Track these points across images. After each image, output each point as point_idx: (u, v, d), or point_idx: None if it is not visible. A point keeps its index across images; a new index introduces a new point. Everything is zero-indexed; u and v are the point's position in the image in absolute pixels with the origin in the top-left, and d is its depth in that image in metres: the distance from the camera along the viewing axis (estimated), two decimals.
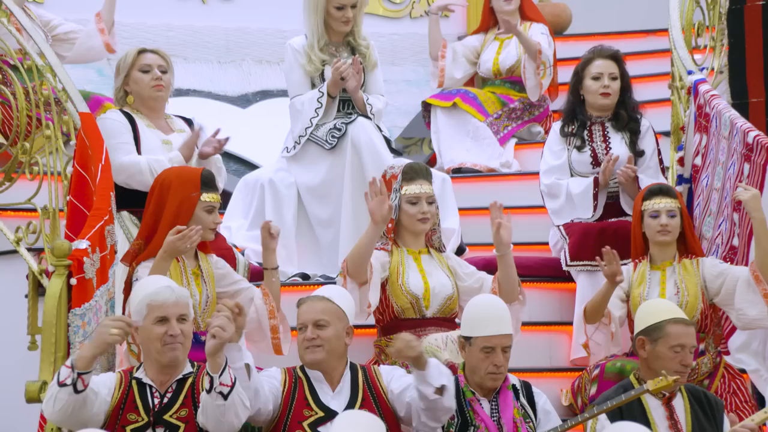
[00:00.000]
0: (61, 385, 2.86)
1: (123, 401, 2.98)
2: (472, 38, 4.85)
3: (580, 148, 4.01)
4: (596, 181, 3.97)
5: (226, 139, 3.69)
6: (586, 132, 4.02)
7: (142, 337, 3.05)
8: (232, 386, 2.90)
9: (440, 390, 3.07)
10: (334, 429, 2.87)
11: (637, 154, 4.01)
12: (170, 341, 2.99)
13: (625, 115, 4.01)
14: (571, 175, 4.04)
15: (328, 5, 4.01)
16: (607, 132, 4.03)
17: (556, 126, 4.09)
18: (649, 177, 3.98)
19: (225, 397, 2.90)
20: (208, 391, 2.91)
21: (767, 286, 3.46)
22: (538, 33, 4.72)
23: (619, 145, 4.02)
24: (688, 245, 3.64)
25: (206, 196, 3.37)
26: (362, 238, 3.46)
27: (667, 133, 4.20)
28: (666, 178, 4.04)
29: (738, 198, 3.47)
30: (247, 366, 2.99)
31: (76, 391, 2.86)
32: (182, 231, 3.28)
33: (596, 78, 3.98)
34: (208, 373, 2.92)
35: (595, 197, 3.97)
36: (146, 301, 3.04)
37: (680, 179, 3.98)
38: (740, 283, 3.50)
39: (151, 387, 3.01)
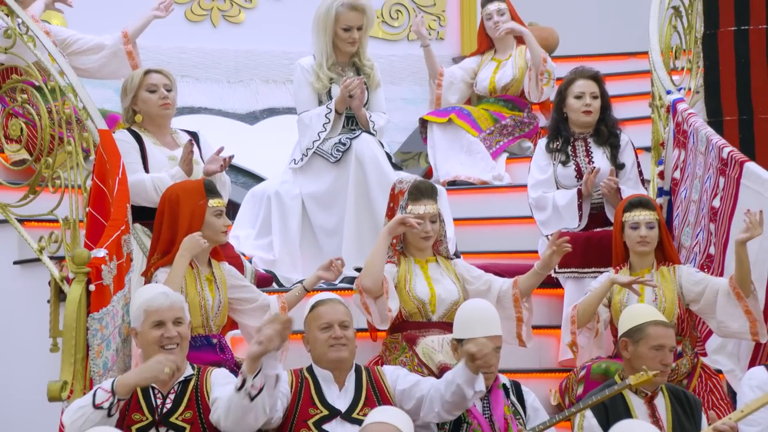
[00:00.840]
0: (97, 407, 2.88)
1: (128, 402, 3.02)
2: (470, 60, 4.94)
3: (564, 163, 4.09)
4: (579, 192, 4.05)
5: (231, 157, 3.75)
6: (569, 148, 4.11)
7: (141, 342, 3.12)
8: (260, 390, 2.94)
9: (478, 393, 3.16)
10: (369, 418, 2.95)
11: (618, 167, 4.10)
12: (167, 343, 3.05)
13: (606, 130, 4.10)
14: (557, 189, 4.13)
15: (336, 27, 4.07)
16: (590, 147, 4.12)
17: (542, 143, 4.18)
18: (629, 188, 4.07)
19: (252, 398, 2.94)
20: (238, 389, 2.93)
21: (748, 302, 3.52)
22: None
23: (601, 158, 4.11)
24: (665, 253, 3.72)
25: (212, 202, 3.45)
26: (373, 253, 3.52)
27: (648, 149, 4.29)
28: (647, 189, 4.13)
29: (742, 231, 3.46)
30: (277, 377, 3.03)
31: (110, 415, 2.90)
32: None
33: (578, 97, 4.08)
34: (242, 372, 2.94)
35: (580, 207, 4.05)
36: (143, 308, 3.11)
37: (660, 191, 4.06)
38: (720, 296, 3.57)
39: (153, 388, 3.05)
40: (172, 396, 3.06)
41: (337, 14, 4.07)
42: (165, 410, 3.02)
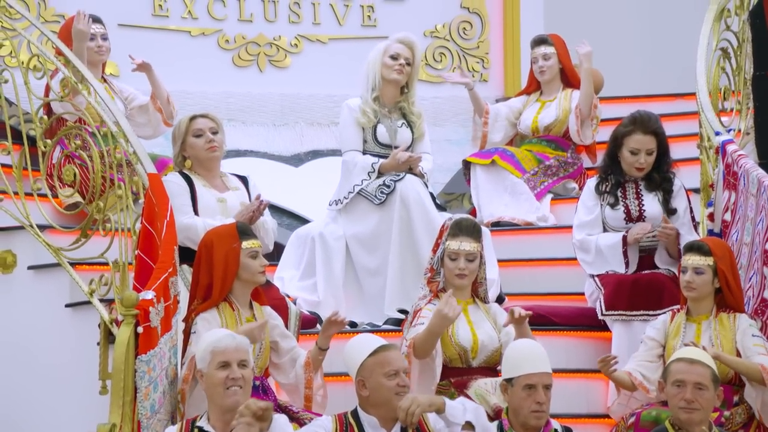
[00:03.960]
0: None
1: None
2: (516, 100, 4.93)
3: (613, 206, 4.01)
4: (624, 239, 3.97)
5: (264, 204, 3.75)
6: (620, 191, 4.02)
7: (207, 384, 3.14)
8: None
9: (468, 425, 3.07)
10: None
11: (670, 212, 4.01)
12: (231, 384, 3.07)
13: (658, 177, 4.00)
14: (604, 229, 4.04)
15: (384, 57, 4.14)
16: (641, 190, 4.04)
17: (591, 182, 4.10)
18: (683, 233, 3.97)
19: None
20: None
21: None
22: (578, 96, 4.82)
23: (652, 202, 4.02)
24: (726, 300, 3.61)
25: (246, 244, 3.46)
26: (429, 337, 3.45)
27: (696, 190, 4.21)
28: (698, 233, 4.04)
29: None
30: None
31: None
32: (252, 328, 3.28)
33: (633, 153, 3.97)
34: None
35: (625, 254, 3.97)
36: (210, 349, 3.14)
37: (710, 234, 3.98)
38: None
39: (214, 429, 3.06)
40: None
41: (385, 47, 4.17)
42: None
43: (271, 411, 2.89)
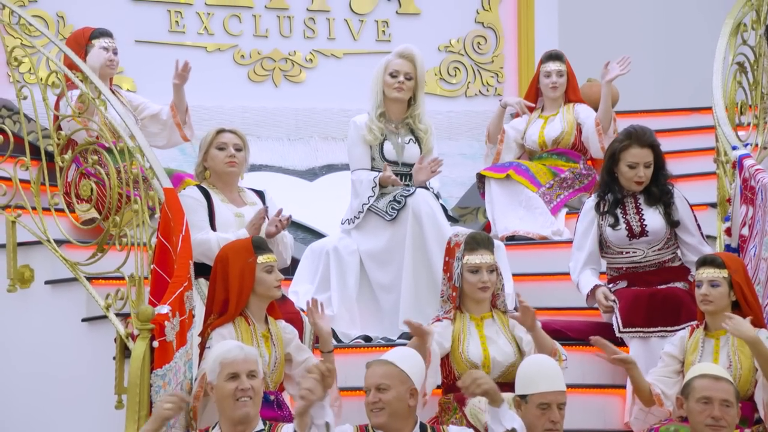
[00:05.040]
0: None
1: None
2: (517, 121, 4.94)
3: (614, 226, 3.95)
4: (587, 297, 3.97)
5: (288, 218, 3.78)
6: (619, 208, 3.97)
7: (216, 396, 3.15)
8: None
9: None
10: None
11: (673, 224, 3.96)
12: (241, 395, 3.07)
13: (657, 191, 3.96)
14: (604, 247, 3.98)
15: (385, 75, 4.15)
16: (640, 205, 3.98)
17: (589, 203, 4.04)
18: (697, 243, 3.92)
19: None
20: None
21: None
22: (586, 110, 4.81)
23: (653, 216, 3.97)
24: (744, 314, 3.56)
25: (262, 258, 3.46)
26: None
27: (713, 205, 4.19)
28: (713, 247, 4.01)
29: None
30: (327, 424, 3.02)
31: None
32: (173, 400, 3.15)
33: (631, 167, 3.92)
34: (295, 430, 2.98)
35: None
36: (219, 360, 3.15)
37: (728, 249, 3.95)
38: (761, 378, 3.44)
39: None
40: None
41: (386, 63, 4.17)
42: None
43: (333, 377, 2.91)
